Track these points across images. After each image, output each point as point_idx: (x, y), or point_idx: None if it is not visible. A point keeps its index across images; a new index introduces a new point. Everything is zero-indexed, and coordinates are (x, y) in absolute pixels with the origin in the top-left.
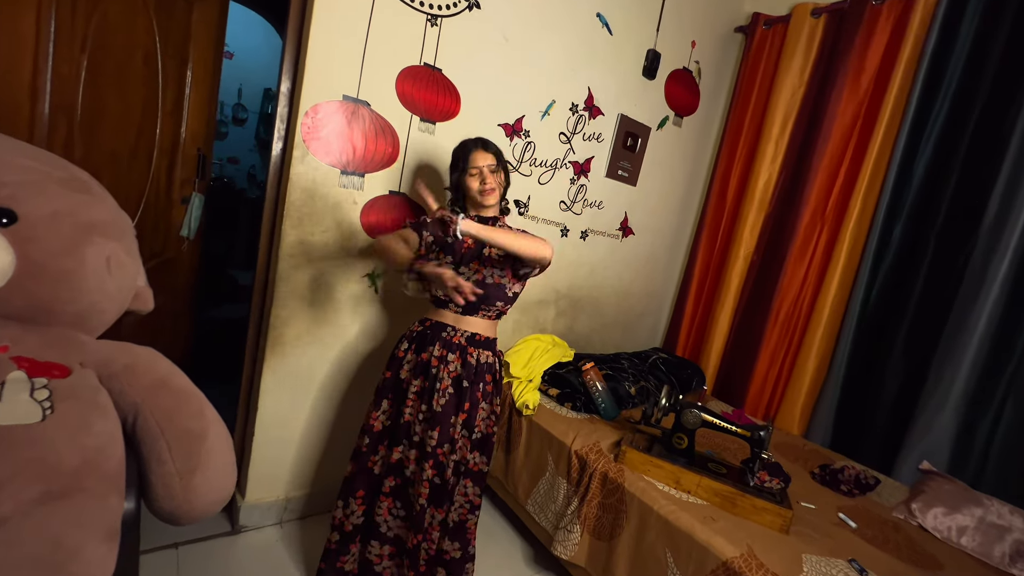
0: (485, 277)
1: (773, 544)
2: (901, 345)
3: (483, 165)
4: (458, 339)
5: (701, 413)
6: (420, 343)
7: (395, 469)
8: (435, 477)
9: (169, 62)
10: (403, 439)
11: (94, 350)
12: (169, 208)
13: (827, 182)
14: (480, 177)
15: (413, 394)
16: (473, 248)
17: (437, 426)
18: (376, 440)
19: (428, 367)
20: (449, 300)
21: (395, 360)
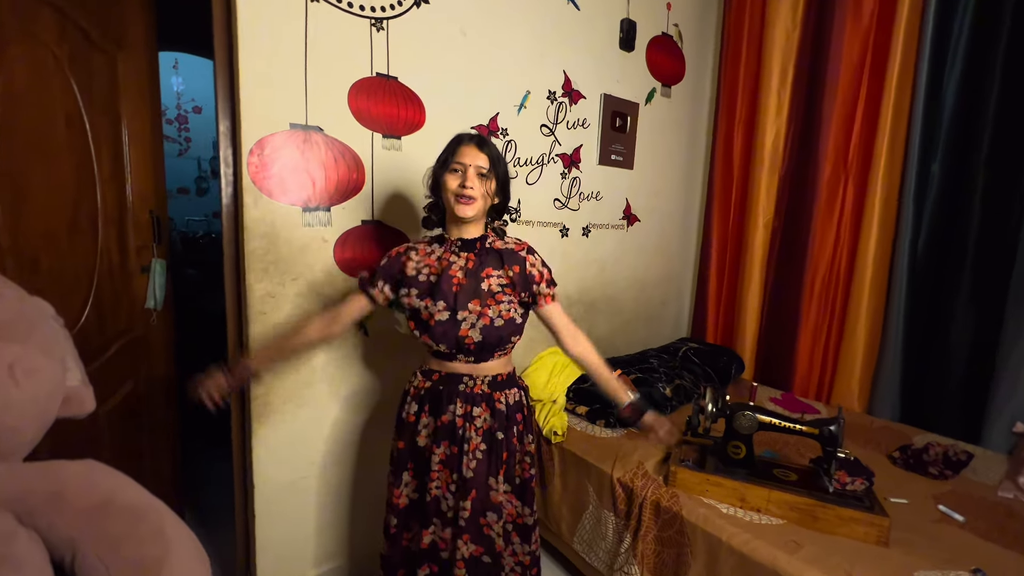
0: (493, 320)
1: (874, 564)
2: (966, 293)
3: (470, 163)
4: (479, 388)
5: (756, 415)
6: (434, 403)
7: (429, 555)
8: (482, 555)
9: (99, 121)
10: (433, 518)
11: (4, 483)
12: (128, 281)
13: (844, 127)
14: (461, 174)
15: (438, 464)
16: (466, 284)
17: (471, 492)
18: (405, 517)
19: (453, 429)
20: (455, 352)
21: (406, 426)
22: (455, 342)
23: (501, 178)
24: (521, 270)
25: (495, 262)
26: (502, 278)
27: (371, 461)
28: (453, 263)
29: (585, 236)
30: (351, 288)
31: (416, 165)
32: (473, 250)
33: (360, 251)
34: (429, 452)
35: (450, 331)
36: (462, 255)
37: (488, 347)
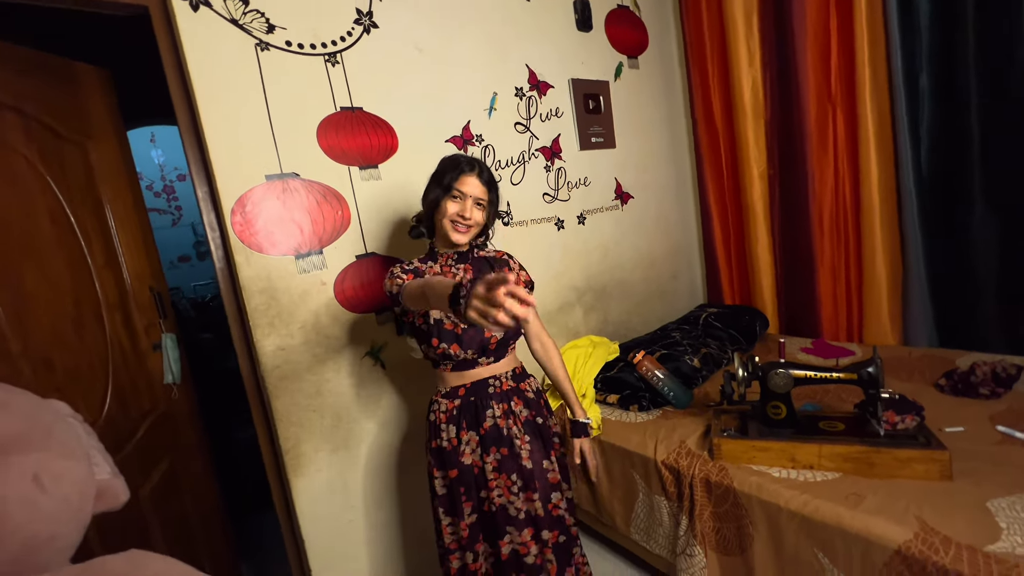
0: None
1: (944, 502)
2: (982, 200)
3: (470, 195)
4: (507, 385)
5: (789, 371)
6: (471, 416)
7: (513, 565)
8: (560, 537)
9: (81, 212)
10: (505, 527)
11: None
12: (142, 361)
13: (821, 59)
14: (461, 203)
15: (492, 472)
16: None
17: (535, 482)
18: (471, 543)
19: (498, 432)
20: (478, 355)
21: (450, 455)
22: (480, 345)
23: (493, 212)
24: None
25: (487, 268)
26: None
27: (412, 491)
28: (456, 275)
29: (581, 224)
30: (360, 322)
31: (398, 190)
32: (468, 260)
33: (360, 286)
34: (478, 467)
35: (476, 335)
36: (459, 267)
37: (504, 343)
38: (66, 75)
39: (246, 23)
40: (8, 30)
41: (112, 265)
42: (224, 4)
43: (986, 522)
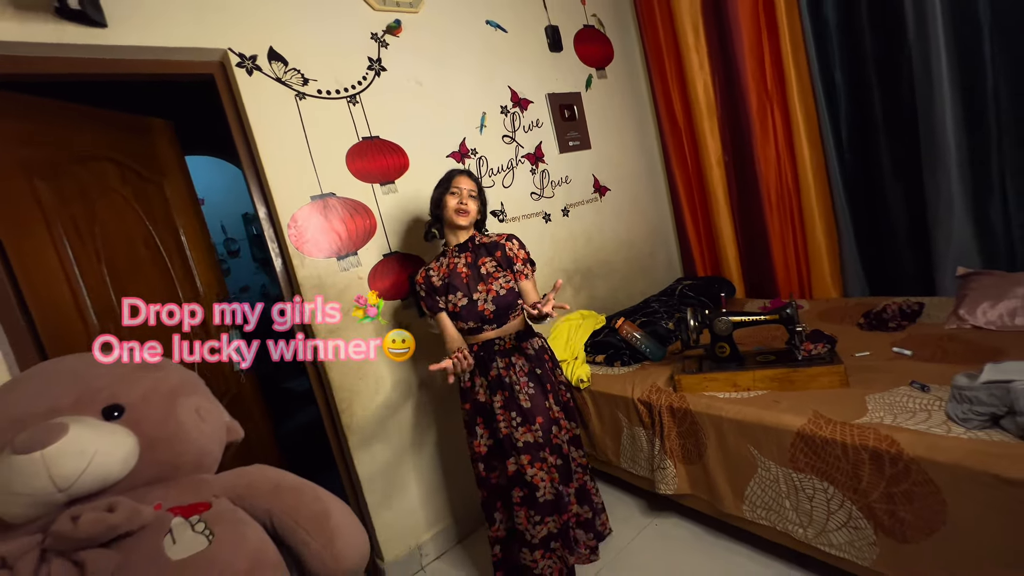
0: (499, 292)
1: (836, 400)
2: (889, 173)
3: (465, 188)
4: (509, 344)
5: (728, 317)
6: (481, 367)
7: (516, 480)
8: (557, 460)
9: (164, 236)
10: (511, 452)
11: (218, 483)
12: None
13: (757, 62)
14: (459, 197)
15: (500, 410)
16: (471, 274)
17: (538, 416)
18: (488, 460)
19: (501, 380)
20: (481, 324)
21: (466, 392)
22: (478, 316)
23: (483, 200)
24: (503, 254)
25: (486, 253)
26: (493, 262)
27: (444, 438)
28: (457, 264)
29: (566, 216)
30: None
31: (412, 200)
32: (468, 250)
33: (388, 278)
34: (490, 404)
35: (472, 310)
36: (461, 256)
37: (502, 312)
38: (143, 128)
39: (287, 80)
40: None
41: (188, 278)
42: (270, 67)
43: (859, 407)
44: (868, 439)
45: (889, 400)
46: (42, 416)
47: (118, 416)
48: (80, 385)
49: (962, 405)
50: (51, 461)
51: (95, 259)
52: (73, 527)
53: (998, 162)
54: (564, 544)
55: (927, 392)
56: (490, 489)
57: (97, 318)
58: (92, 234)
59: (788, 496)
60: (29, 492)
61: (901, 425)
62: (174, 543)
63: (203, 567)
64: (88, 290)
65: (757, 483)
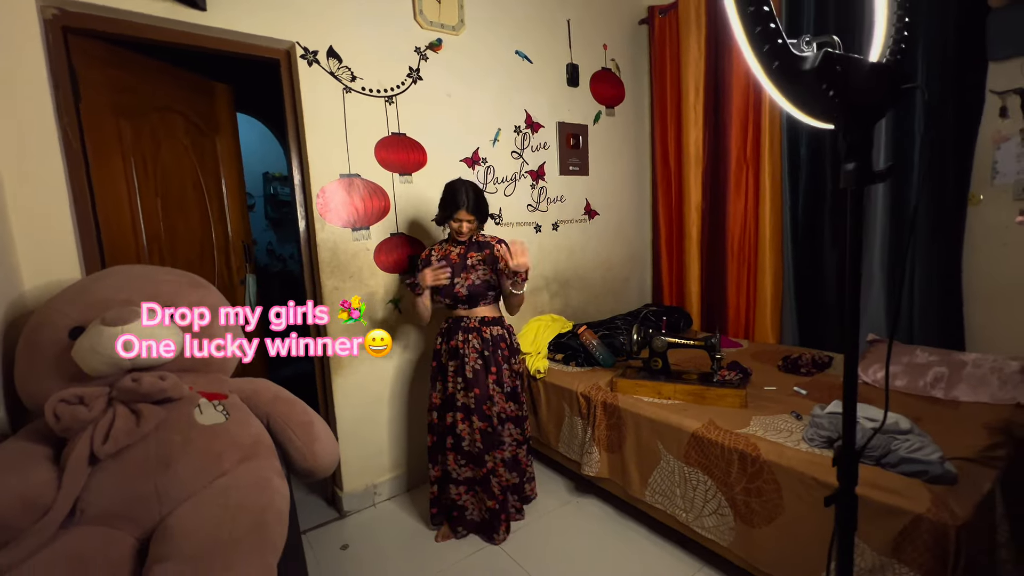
0: (474, 282)
1: (730, 415)
2: (829, 239)
3: (464, 220)
4: (473, 324)
5: (666, 338)
6: (448, 335)
7: (450, 430)
8: (486, 428)
9: (209, 183)
10: (452, 407)
11: (233, 383)
12: (233, 291)
13: (741, 130)
14: (459, 224)
15: (451, 372)
16: (458, 263)
17: (475, 388)
18: (440, 411)
19: (457, 349)
20: (455, 303)
21: (435, 352)
22: (453, 296)
23: (482, 217)
24: (489, 253)
25: (476, 249)
26: (478, 257)
27: (415, 398)
28: (452, 252)
29: (555, 230)
30: (387, 278)
31: (424, 192)
32: (464, 244)
33: (391, 254)
34: (446, 366)
35: (449, 291)
36: (458, 247)
37: (473, 297)
38: (208, 90)
39: (338, 75)
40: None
41: (222, 222)
42: (327, 62)
43: (744, 423)
44: (740, 444)
45: (769, 421)
46: (121, 303)
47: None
48: (150, 287)
49: (812, 428)
50: None
51: (153, 193)
52: (137, 385)
53: (911, 256)
54: (484, 490)
55: (799, 420)
56: (437, 435)
57: (147, 241)
58: (154, 172)
59: (679, 484)
60: (108, 354)
61: (766, 437)
62: (201, 413)
63: (221, 433)
64: (144, 216)
65: (659, 472)
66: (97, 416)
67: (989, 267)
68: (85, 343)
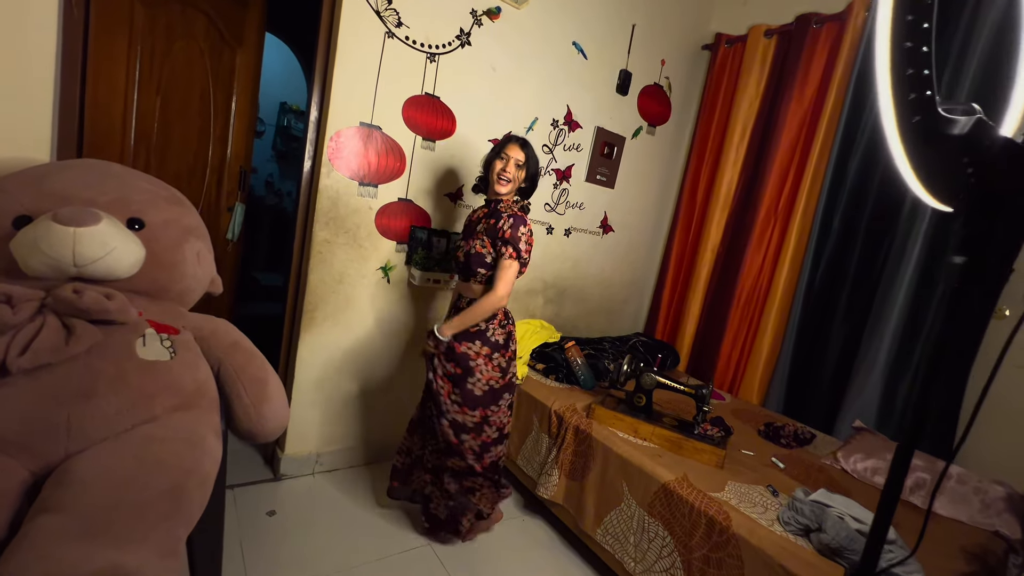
0: (472, 248)
1: (706, 474)
2: (840, 317)
3: (512, 156)
4: (463, 304)
5: (656, 376)
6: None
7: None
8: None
9: (219, 96)
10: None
11: (190, 319)
12: (218, 216)
13: (779, 182)
14: (504, 162)
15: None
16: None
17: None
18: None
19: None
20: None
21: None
22: (456, 263)
23: (531, 171)
24: (495, 223)
25: (492, 216)
26: (485, 224)
27: (384, 372)
28: (477, 211)
29: (566, 236)
30: (384, 245)
31: (443, 163)
32: (489, 208)
33: (394, 220)
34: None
35: (456, 257)
36: (483, 210)
37: (464, 270)
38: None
39: (384, 15)
40: None
41: (223, 141)
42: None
43: (719, 486)
44: (711, 509)
45: (744, 491)
46: (83, 201)
47: (138, 229)
48: (120, 190)
49: (790, 512)
50: (79, 239)
51: (154, 91)
52: (77, 297)
53: (919, 356)
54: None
55: (776, 497)
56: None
57: (135, 140)
58: (161, 69)
59: (635, 533)
60: (52, 255)
61: (740, 508)
62: (144, 346)
63: (161, 372)
64: (138, 113)
65: (616, 514)
66: (21, 322)
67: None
68: (28, 236)
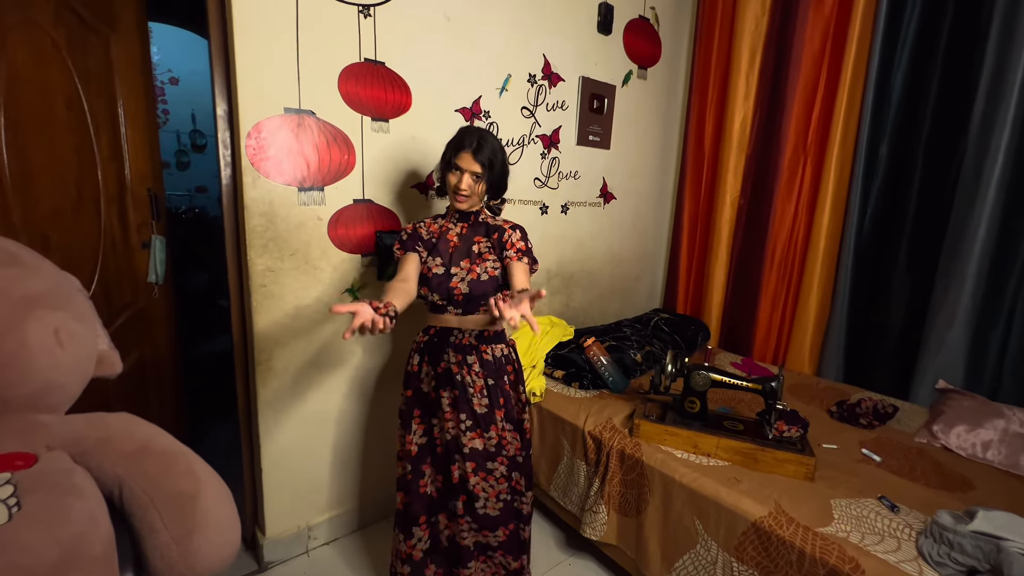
0: (479, 275)
1: (800, 495)
2: (903, 265)
3: (466, 169)
4: (467, 340)
5: (710, 373)
6: (432, 354)
7: (460, 488)
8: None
9: (96, 102)
10: (455, 455)
11: (60, 429)
12: (130, 256)
13: (805, 111)
14: (459, 178)
15: (448, 408)
16: (460, 246)
17: (492, 426)
18: (418, 463)
19: (451, 376)
20: (446, 304)
21: (411, 377)
22: (447, 293)
23: (494, 180)
24: (499, 237)
25: (483, 232)
26: (487, 243)
27: (371, 418)
28: (451, 229)
29: (564, 214)
30: (345, 261)
31: (403, 147)
32: (467, 221)
33: (352, 228)
34: (437, 397)
35: (444, 283)
36: (458, 224)
37: (474, 299)
38: None
39: None
40: None
41: (116, 159)
42: None
43: (825, 513)
44: (830, 555)
45: (856, 512)
46: None
47: None
48: None
49: (940, 546)
50: None
51: None
52: None
53: (1014, 291)
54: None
55: (896, 513)
56: (414, 497)
57: None
58: None
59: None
60: None
61: (868, 549)
62: None
63: None
64: None
65: (691, 559)
66: None
67: None
68: None
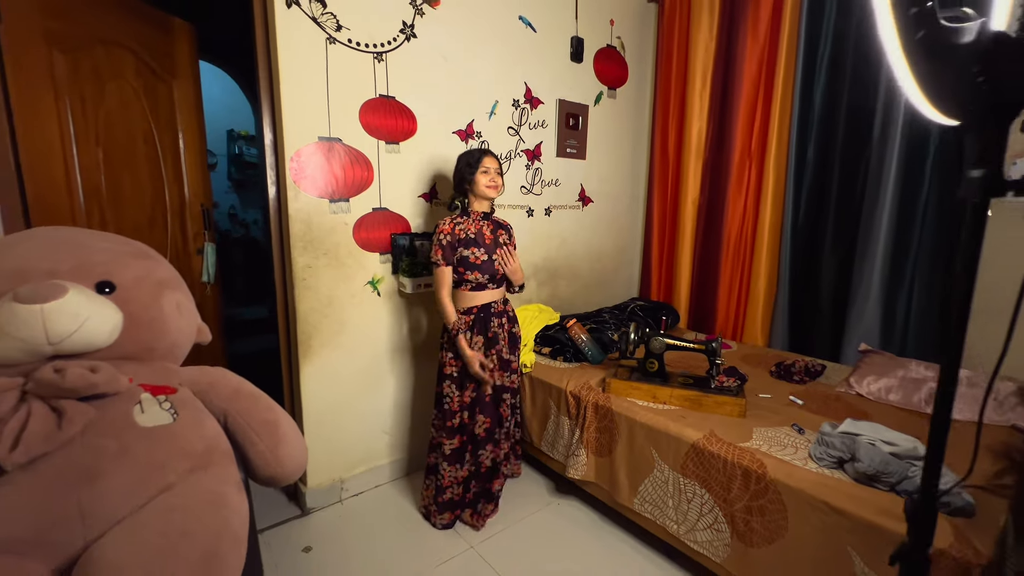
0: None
1: (731, 426)
2: (829, 249)
3: (492, 168)
4: (499, 307)
5: (664, 339)
6: (483, 326)
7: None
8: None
9: (164, 136)
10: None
11: (184, 374)
12: (189, 260)
13: (748, 123)
14: (490, 175)
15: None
16: (492, 239)
17: (510, 366)
18: (472, 408)
19: (496, 337)
20: (488, 281)
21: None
22: (492, 273)
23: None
24: (507, 235)
25: (500, 227)
26: (505, 235)
27: (395, 387)
28: (483, 226)
29: (547, 216)
30: (367, 258)
31: (411, 164)
32: (488, 219)
33: (372, 231)
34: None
35: (489, 267)
36: (484, 223)
37: (504, 277)
38: (165, 26)
39: (322, 21)
40: None
41: (178, 181)
42: (309, 5)
43: (746, 435)
44: (744, 459)
45: (771, 435)
46: (43, 275)
47: (109, 292)
48: (80, 255)
49: (820, 447)
50: (48, 316)
51: (93, 142)
52: (60, 377)
53: (912, 268)
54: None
55: (802, 434)
56: (468, 435)
57: (84, 197)
58: (96, 117)
59: (672, 496)
60: (22, 338)
61: (772, 454)
62: (142, 412)
63: (166, 438)
64: (81, 169)
65: (651, 482)
66: (5, 415)
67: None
68: None
